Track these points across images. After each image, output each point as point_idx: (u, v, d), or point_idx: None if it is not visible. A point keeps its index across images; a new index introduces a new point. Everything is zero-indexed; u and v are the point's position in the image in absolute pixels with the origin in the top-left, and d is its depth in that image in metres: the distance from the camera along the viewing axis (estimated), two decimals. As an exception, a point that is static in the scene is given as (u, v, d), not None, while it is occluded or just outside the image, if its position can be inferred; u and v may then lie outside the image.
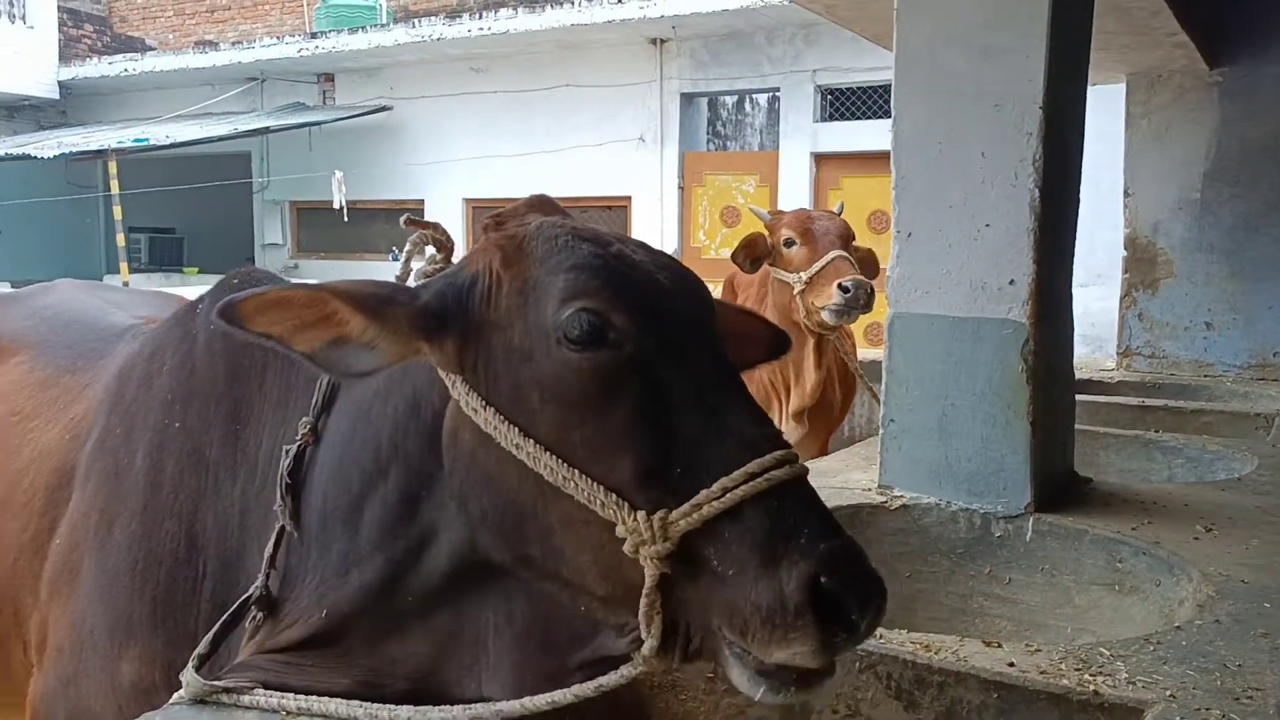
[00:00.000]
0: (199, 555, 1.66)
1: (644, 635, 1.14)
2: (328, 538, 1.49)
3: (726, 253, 12.27)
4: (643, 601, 1.13)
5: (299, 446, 1.53)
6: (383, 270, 13.72)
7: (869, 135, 10.56)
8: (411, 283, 1.42)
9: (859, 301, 3.81)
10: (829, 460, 3.30)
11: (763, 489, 1.11)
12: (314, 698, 1.41)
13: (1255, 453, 3.36)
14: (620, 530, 1.13)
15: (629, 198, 12.38)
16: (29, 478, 2.00)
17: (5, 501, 2.02)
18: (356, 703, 1.40)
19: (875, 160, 10.41)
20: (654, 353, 1.21)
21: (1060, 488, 2.72)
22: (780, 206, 11.50)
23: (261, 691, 1.43)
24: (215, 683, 1.42)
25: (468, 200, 13.27)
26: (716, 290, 9.48)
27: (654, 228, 12.19)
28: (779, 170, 11.41)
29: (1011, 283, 2.54)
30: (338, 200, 12.41)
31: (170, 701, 1.45)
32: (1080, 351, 5.40)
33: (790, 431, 4.26)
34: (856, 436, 5.41)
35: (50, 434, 2.04)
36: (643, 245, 1.34)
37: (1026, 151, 2.48)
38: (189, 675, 1.46)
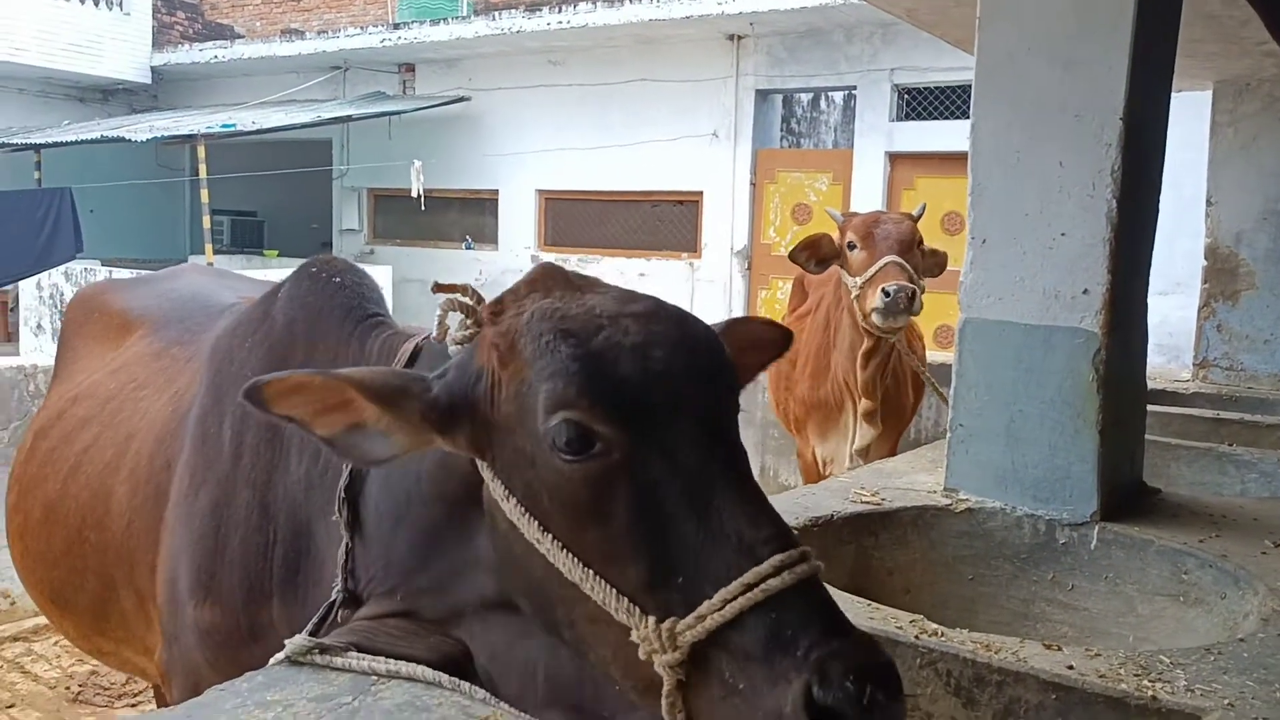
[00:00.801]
0: (270, 523, 1.79)
1: None
2: (382, 542, 1.59)
3: (798, 251, 12.17)
4: (664, 703, 1.14)
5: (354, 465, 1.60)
6: (456, 258, 13.98)
7: (945, 136, 10.46)
8: (451, 349, 1.44)
9: (898, 306, 3.86)
10: (895, 461, 3.33)
11: (760, 600, 1.09)
12: (402, 662, 1.51)
13: (1332, 470, 3.31)
14: (634, 636, 1.15)
15: (700, 193, 12.42)
16: (137, 443, 2.15)
17: (117, 466, 2.18)
18: (444, 674, 1.49)
19: (950, 161, 10.31)
20: (646, 454, 1.18)
21: (1128, 497, 2.73)
22: (853, 206, 11.51)
23: (354, 654, 1.53)
24: (314, 639, 1.54)
25: (541, 191, 13.43)
26: (788, 287, 9.51)
27: (724, 223, 12.23)
28: (853, 169, 11.36)
29: (1085, 292, 2.55)
30: (415, 188, 12.65)
31: (271, 662, 1.57)
32: (1156, 361, 5.34)
33: (863, 432, 4.31)
34: (923, 439, 5.41)
35: (158, 403, 2.20)
36: (642, 313, 1.28)
37: (1105, 162, 2.50)
38: (288, 643, 1.57)
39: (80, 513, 2.24)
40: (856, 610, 1.94)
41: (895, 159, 11.16)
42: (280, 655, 1.56)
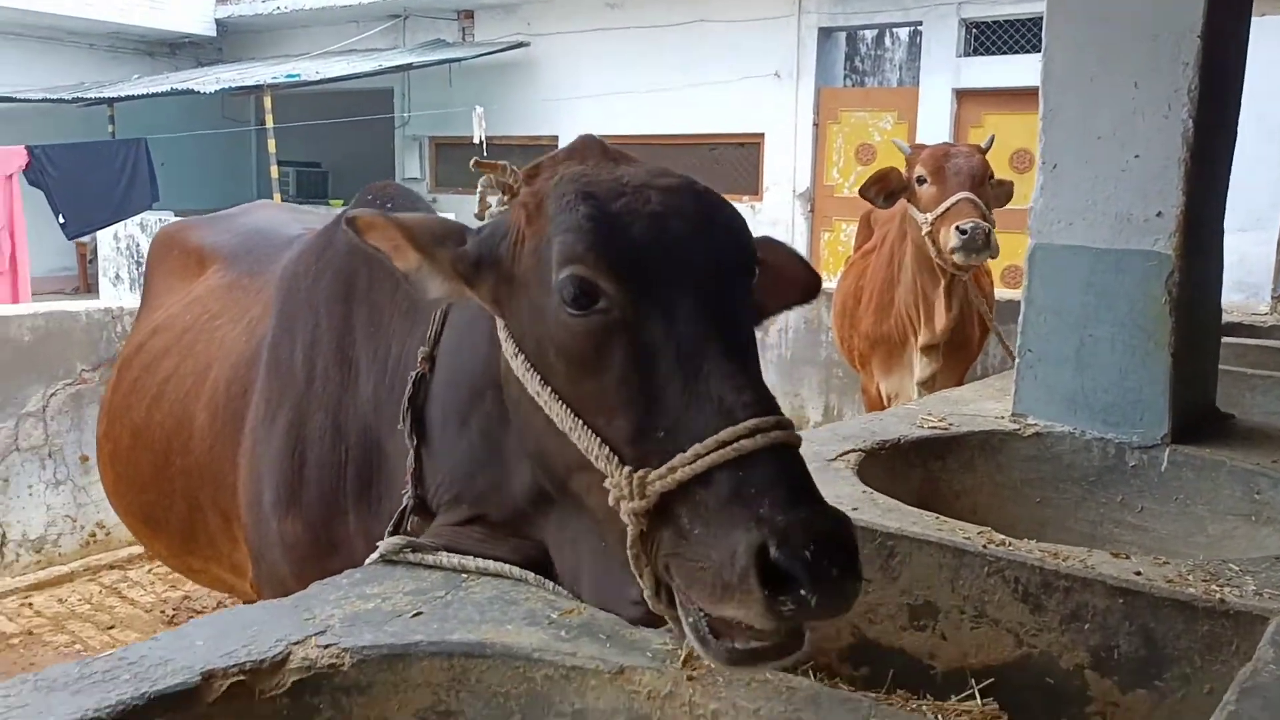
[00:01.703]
0: (342, 441, 1.88)
1: (639, 583, 1.22)
2: (445, 451, 1.66)
3: (861, 191, 12.02)
4: (629, 553, 1.20)
5: (417, 374, 1.69)
6: (517, 205, 14.02)
7: (1014, 70, 10.23)
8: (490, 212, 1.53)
9: (976, 244, 3.83)
10: (962, 390, 3.35)
11: (731, 457, 1.12)
12: (490, 561, 1.60)
13: None
14: (607, 483, 1.21)
15: (762, 135, 12.31)
16: (214, 371, 2.26)
17: (197, 393, 2.29)
18: (529, 572, 1.58)
19: (1020, 97, 10.07)
20: (645, 315, 1.24)
21: (1199, 420, 2.72)
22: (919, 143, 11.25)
23: (445, 553, 1.62)
24: (408, 538, 1.63)
25: (601, 136, 13.40)
26: (851, 228, 9.44)
27: (786, 165, 12.12)
28: (918, 107, 11.17)
29: (1159, 214, 2.53)
30: (477, 135, 12.71)
31: (367, 562, 1.66)
32: (1234, 299, 5.24)
33: (924, 365, 4.31)
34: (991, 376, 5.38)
35: (233, 332, 2.30)
36: (668, 187, 1.33)
37: (1182, 81, 2.46)
38: (382, 543, 1.67)
39: (165, 438, 2.36)
40: (924, 522, 1.99)
41: (962, 96, 10.95)
42: (375, 555, 1.65)
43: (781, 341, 7.09)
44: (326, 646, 1.36)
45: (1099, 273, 2.62)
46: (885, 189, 4.27)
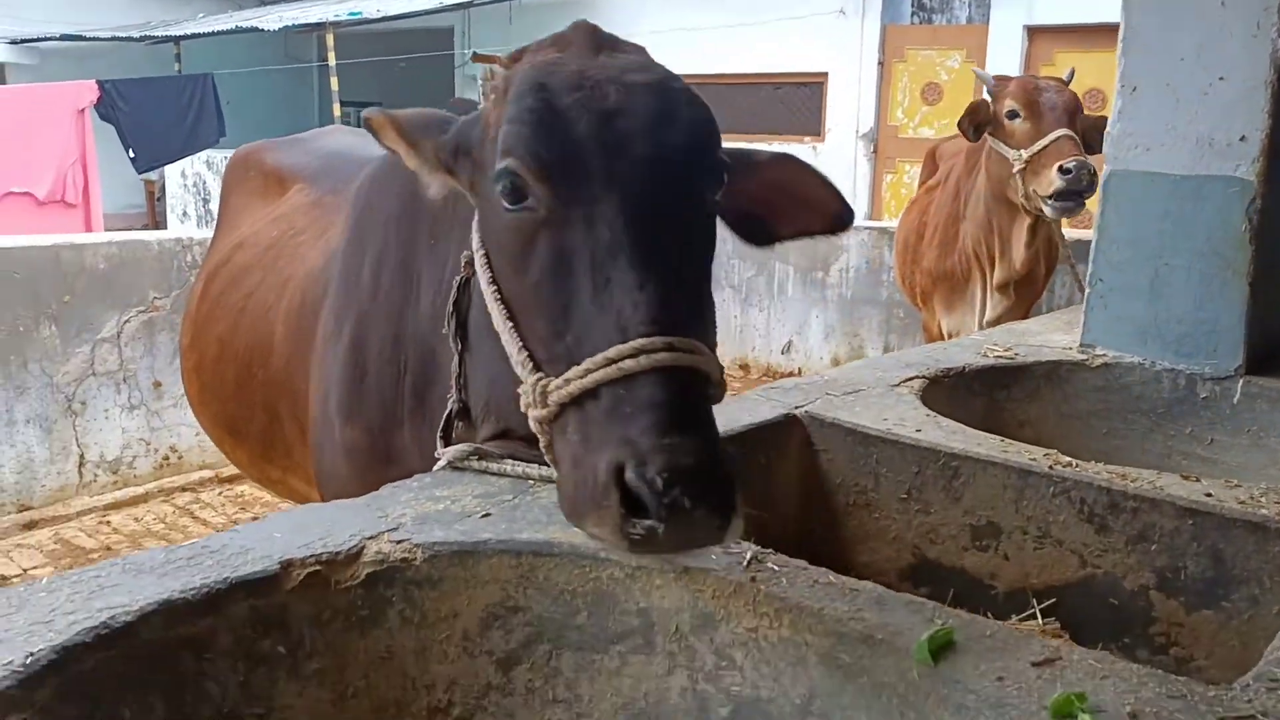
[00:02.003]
0: (402, 353, 1.91)
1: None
2: (482, 355, 1.64)
3: (926, 132, 11.95)
4: (546, 456, 1.25)
5: (461, 279, 1.66)
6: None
7: (1089, 5, 9.86)
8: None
9: (1081, 183, 3.71)
10: (1029, 323, 3.30)
11: (616, 376, 1.11)
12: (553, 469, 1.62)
13: None
14: (521, 389, 1.23)
15: (825, 74, 12.09)
16: (293, 286, 2.31)
17: (278, 307, 2.34)
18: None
19: (1094, 33, 9.75)
20: (570, 218, 1.20)
21: (1276, 353, 2.65)
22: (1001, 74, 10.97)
23: (510, 461, 1.65)
24: (474, 445, 1.66)
25: (661, 75, 13.26)
26: (915, 169, 9.27)
27: (850, 105, 11.90)
28: (987, 45, 10.85)
29: (1243, 139, 2.45)
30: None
31: (435, 468, 1.70)
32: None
33: (995, 303, 4.25)
34: (1054, 315, 5.29)
35: (313, 249, 2.34)
36: (632, 84, 1.27)
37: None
38: (448, 450, 1.70)
39: (248, 350, 2.43)
40: (989, 444, 1.98)
41: (1034, 32, 10.62)
42: (442, 461, 1.69)
43: (842, 281, 7.02)
44: (399, 542, 1.40)
45: (1177, 200, 2.55)
46: (975, 121, 4.16)
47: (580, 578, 1.39)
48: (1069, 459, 1.90)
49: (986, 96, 4.24)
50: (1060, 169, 3.71)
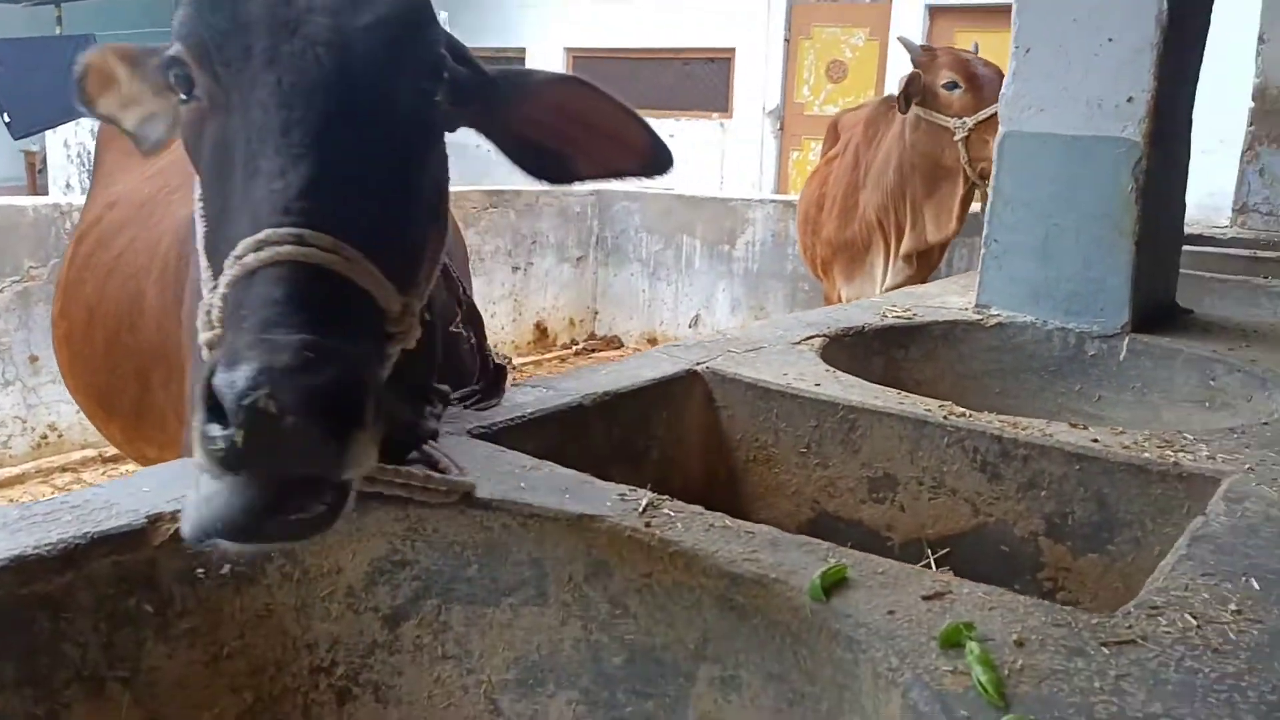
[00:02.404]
0: None
1: None
2: None
3: (831, 109, 12.08)
4: None
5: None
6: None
7: (987, -15, 10.08)
8: None
9: None
10: (927, 286, 3.34)
11: (239, 273, 0.97)
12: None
13: (1368, 299, 3.30)
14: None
15: (733, 50, 12.12)
16: (165, 242, 2.17)
17: (149, 268, 2.21)
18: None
19: (993, 14, 9.95)
20: (233, 104, 1.08)
21: (1159, 312, 2.74)
22: (890, 62, 11.17)
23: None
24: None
25: (569, 50, 13.14)
26: (820, 145, 9.31)
27: (757, 82, 11.96)
28: (890, 22, 11.01)
29: (1130, 100, 2.50)
30: (441, 43, 12.37)
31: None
32: (1195, 216, 5.25)
33: (896, 271, 4.32)
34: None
35: (188, 204, 2.22)
36: None
37: (1157, -39, 2.41)
38: None
39: (117, 315, 2.29)
40: (886, 396, 1.99)
41: (935, 12, 10.81)
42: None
43: (748, 254, 7.05)
44: (278, 495, 1.33)
45: (1068, 161, 2.60)
46: (909, 92, 4.22)
47: (471, 528, 1.35)
48: (962, 410, 1.92)
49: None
50: None
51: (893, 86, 10.83)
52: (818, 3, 11.95)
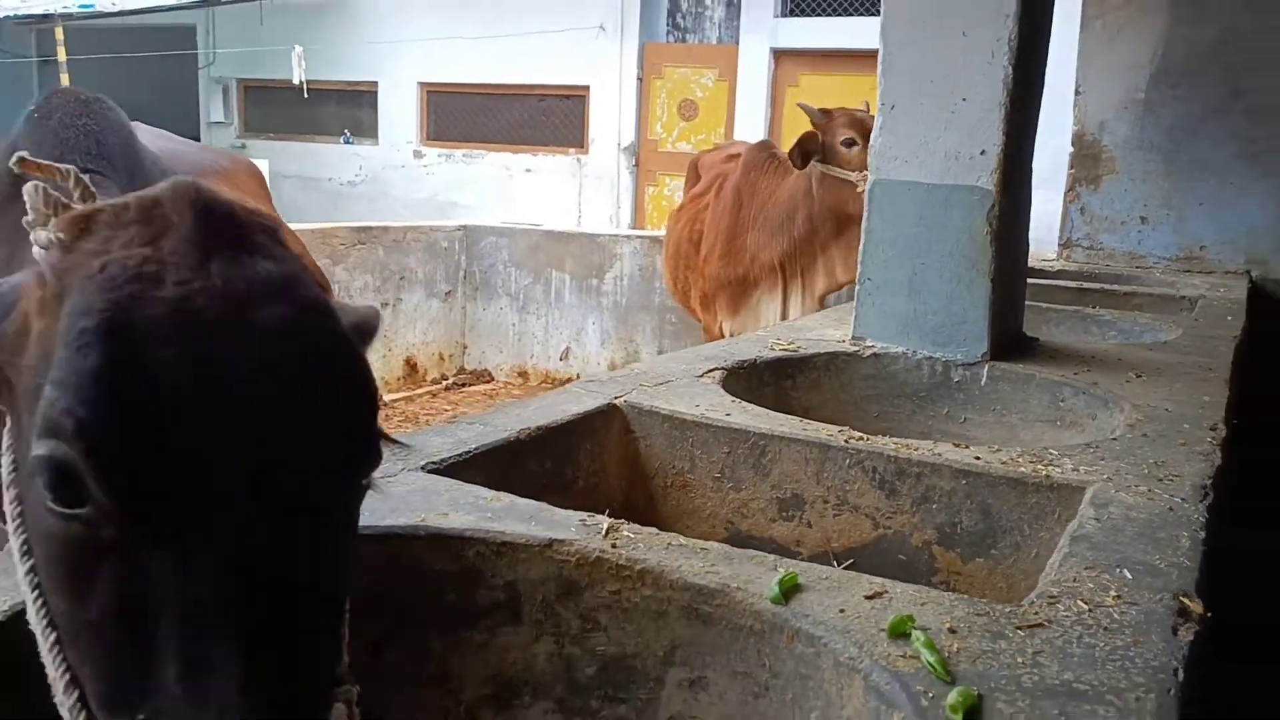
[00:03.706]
0: None
1: None
2: None
3: (684, 146, 12.40)
4: None
5: None
6: (335, 152, 13.60)
7: (830, 32, 10.69)
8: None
9: None
10: (806, 319, 3.60)
11: None
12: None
13: (1179, 325, 3.74)
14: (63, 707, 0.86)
15: (587, 87, 12.39)
16: None
17: None
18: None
19: (834, 58, 10.56)
20: (157, 551, 0.79)
21: (1012, 342, 3.05)
22: (739, 103, 11.62)
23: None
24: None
25: (423, 84, 13.14)
26: (675, 183, 9.60)
27: (612, 119, 12.26)
28: (738, 65, 11.50)
29: (983, 153, 2.81)
30: (297, 76, 12.21)
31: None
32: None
33: (806, 310, 4.63)
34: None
35: None
36: (270, 329, 0.83)
37: (1003, 31, 2.73)
38: None
39: None
40: (791, 424, 2.19)
41: (780, 55, 11.35)
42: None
43: (617, 288, 7.26)
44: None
45: (930, 206, 2.89)
46: (804, 150, 4.59)
47: (448, 558, 1.46)
48: (860, 434, 2.14)
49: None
50: None
51: (742, 125, 11.30)
52: (669, 43, 12.37)
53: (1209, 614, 1.33)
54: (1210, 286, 4.87)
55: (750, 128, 10.91)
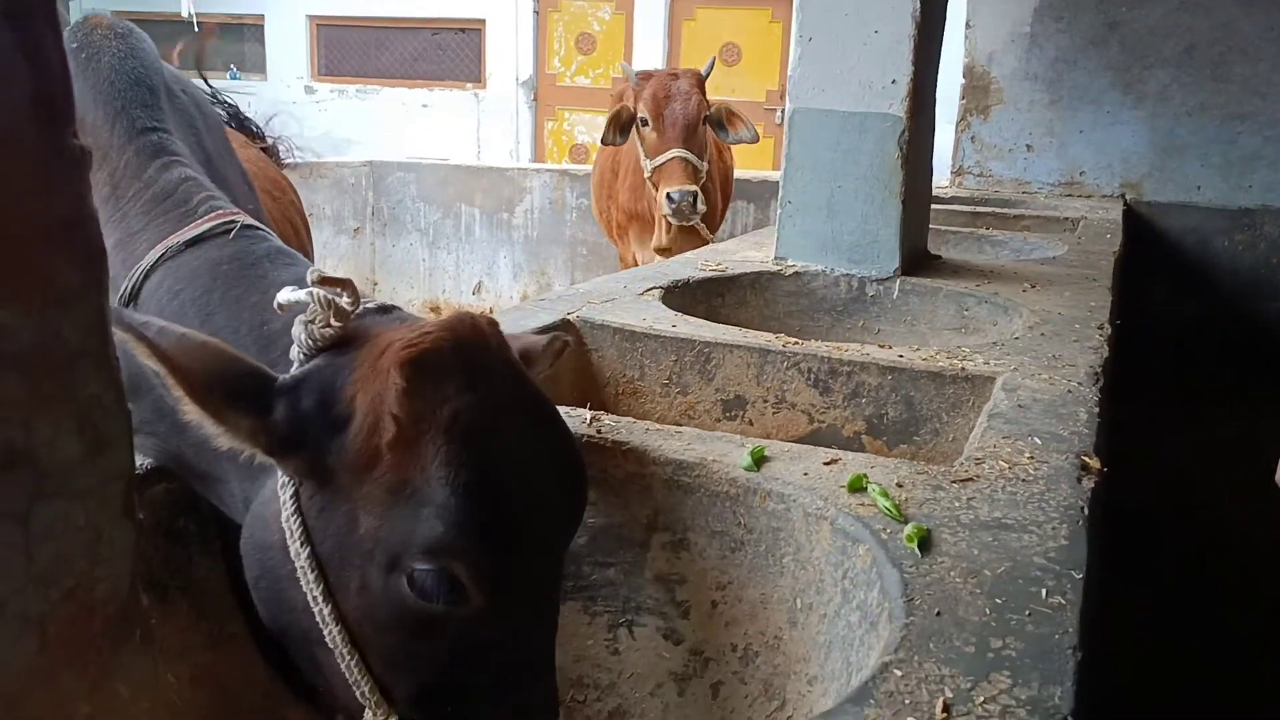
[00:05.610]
0: None
1: None
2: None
3: (583, 80, 12.40)
4: None
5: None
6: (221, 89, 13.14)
7: (725, -34, 10.77)
8: (299, 341, 1.14)
9: (683, 215, 4.19)
10: (728, 243, 3.80)
11: None
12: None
13: (1065, 243, 4.07)
14: (365, 705, 1.11)
15: (483, 20, 12.25)
16: None
17: None
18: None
19: (731, -9, 10.67)
20: (495, 615, 1.07)
21: (920, 259, 3.31)
22: (636, 37, 11.65)
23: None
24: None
25: (313, 18, 12.78)
26: (574, 117, 9.63)
27: (509, 53, 12.16)
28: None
29: (894, 82, 3.03)
30: (186, 10, 11.73)
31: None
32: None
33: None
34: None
35: None
36: (557, 449, 1.18)
37: (912, -33, 2.93)
38: None
39: None
40: (732, 333, 2.38)
41: (678, -12, 11.40)
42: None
43: (527, 222, 7.34)
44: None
45: (846, 133, 3.10)
46: (619, 124, 4.57)
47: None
48: (795, 339, 2.35)
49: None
50: (668, 196, 4.19)
51: (640, 59, 11.35)
52: (565, -24, 12.30)
53: (1105, 469, 1.58)
54: (1090, 209, 5.24)
55: (648, 62, 10.98)
